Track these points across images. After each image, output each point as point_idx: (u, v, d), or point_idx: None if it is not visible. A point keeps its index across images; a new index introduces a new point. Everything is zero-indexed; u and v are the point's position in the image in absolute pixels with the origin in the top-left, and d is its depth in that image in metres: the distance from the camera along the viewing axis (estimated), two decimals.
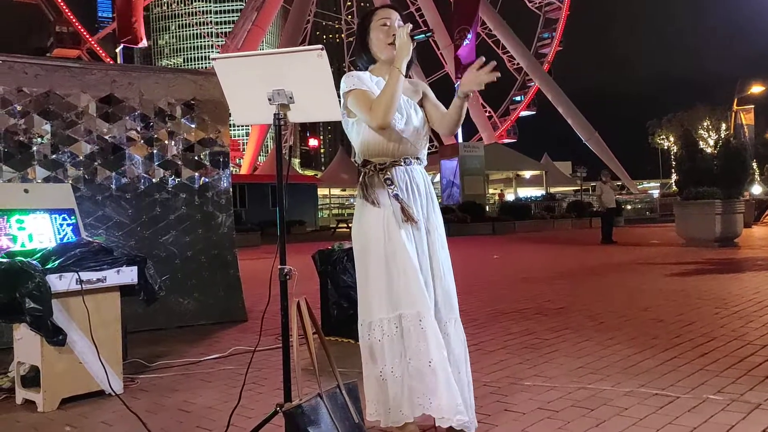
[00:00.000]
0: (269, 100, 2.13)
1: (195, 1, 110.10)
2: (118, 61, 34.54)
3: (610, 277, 7.83)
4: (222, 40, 62.28)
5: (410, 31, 2.20)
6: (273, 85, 2.11)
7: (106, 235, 4.80)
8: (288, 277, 2.15)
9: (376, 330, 2.17)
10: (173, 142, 5.32)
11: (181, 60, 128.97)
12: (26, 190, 3.71)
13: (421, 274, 2.19)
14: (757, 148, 25.24)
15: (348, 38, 71.64)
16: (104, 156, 4.98)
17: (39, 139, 4.68)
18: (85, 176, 4.87)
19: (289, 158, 2.34)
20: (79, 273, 3.08)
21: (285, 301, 2.16)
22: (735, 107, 32.05)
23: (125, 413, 2.83)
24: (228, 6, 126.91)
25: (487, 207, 27.88)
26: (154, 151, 5.23)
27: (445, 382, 2.09)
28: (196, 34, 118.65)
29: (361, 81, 2.26)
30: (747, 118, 32.77)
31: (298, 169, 60.23)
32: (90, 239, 3.47)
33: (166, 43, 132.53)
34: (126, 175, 5.07)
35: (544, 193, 35.46)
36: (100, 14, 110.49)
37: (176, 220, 5.25)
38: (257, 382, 3.39)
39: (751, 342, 3.89)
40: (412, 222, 2.22)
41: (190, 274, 5.23)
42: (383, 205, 2.23)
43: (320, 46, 2.06)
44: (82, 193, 4.75)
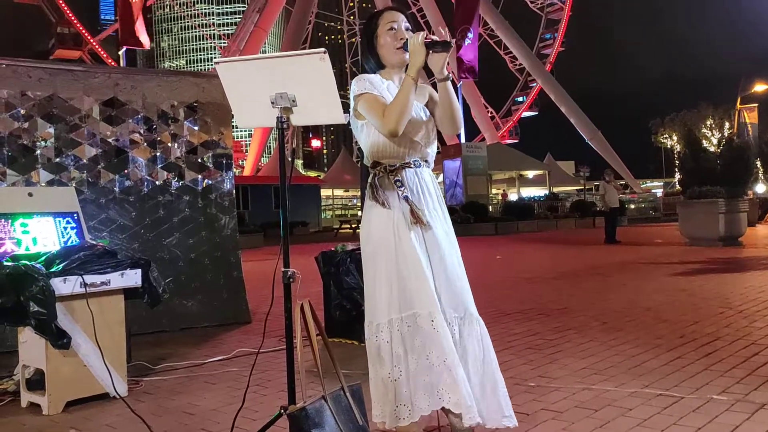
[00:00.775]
0: (272, 103, 2.13)
1: (197, 3, 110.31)
2: (121, 63, 34.58)
3: (614, 277, 7.82)
4: (224, 42, 62.41)
5: (425, 38, 2.16)
6: (275, 89, 2.12)
7: (110, 238, 4.81)
8: (291, 280, 2.15)
9: (384, 331, 2.17)
10: (176, 145, 5.33)
11: (184, 62, 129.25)
12: (30, 194, 3.72)
13: (431, 275, 2.19)
14: (761, 147, 25.14)
15: (349, 39, 71.71)
16: (107, 159, 4.99)
17: (42, 143, 4.69)
18: (89, 179, 4.88)
19: (292, 160, 2.35)
20: (83, 276, 3.09)
21: (289, 304, 2.16)
22: (738, 106, 31.96)
23: (130, 416, 2.83)
24: (230, 8, 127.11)
25: (490, 207, 27.86)
26: (158, 154, 5.24)
27: (462, 381, 2.09)
28: (199, 35, 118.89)
29: (372, 85, 2.25)
30: (751, 117, 32.64)
31: (301, 170, 60.22)
32: (94, 242, 3.48)
33: (169, 45, 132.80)
34: (129, 177, 5.08)
35: (547, 192, 35.43)
36: (103, 17, 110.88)
37: (179, 222, 5.26)
38: (261, 384, 3.40)
39: (756, 342, 3.89)
40: (422, 224, 2.22)
41: (193, 277, 5.24)
42: (393, 206, 2.23)
43: (323, 50, 2.06)
44: (85, 196, 4.77)
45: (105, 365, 3.10)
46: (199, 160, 5.43)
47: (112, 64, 44.79)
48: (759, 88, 30.03)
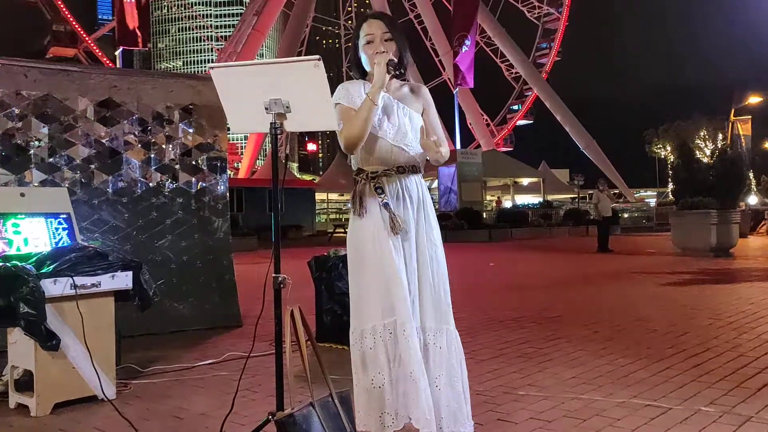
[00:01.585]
0: (266, 109, 2.14)
1: (195, 5, 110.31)
2: (118, 63, 34.51)
3: (605, 286, 7.84)
4: (222, 44, 62.37)
5: (389, 62, 2.21)
6: (270, 95, 2.13)
7: (102, 239, 4.80)
8: (282, 286, 2.15)
9: (368, 338, 2.18)
10: (171, 147, 5.33)
11: (181, 63, 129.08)
12: (22, 194, 3.72)
13: (406, 284, 2.20)
14: (754, 159, 25.30)
15: (347, 43, 71.76)
16: (101, 160, 4.98)
17: (36, 143, 4.68)
18: (82, 180, 4.87)
19: (286, 163, 2.35)
20: (74, 278, 3.08)
21: (278, 310, 2.16)
22: (732, 117, 32.14)
23: (118, 419, 2.82)
24: (228, 10, 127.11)
25: (485, 214, 27.91)
26: (152, 156, 5.23)
27: (423, 392, 2.11)
28: (196, 37, 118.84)
29: (349, 94, 2.29)
30: (744, 129, 32.83)
31: (296, 174, 60.18)
32: (85, 243, 3.47)
33: (166, 46, 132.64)
34: (123, 179, 5.07)
35: (541, 200, 35.52)
36: (101, 16, 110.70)
37: (172, 224, 5.25)
38: (251, 388, 3.39)
39: (744, 354, 3.91)
40: (397, 232, 2.22)
41: (185, 279, 5.23)
42: (373, 214, 2.24)
43: (317, 57, 2.07)
44: (78, 196, 4.75)
45: (94, 367, 3.09)
46: (194, 163, 5.43)
47: (108, 63, 44.72)
48: (753, 100, 30.22)
